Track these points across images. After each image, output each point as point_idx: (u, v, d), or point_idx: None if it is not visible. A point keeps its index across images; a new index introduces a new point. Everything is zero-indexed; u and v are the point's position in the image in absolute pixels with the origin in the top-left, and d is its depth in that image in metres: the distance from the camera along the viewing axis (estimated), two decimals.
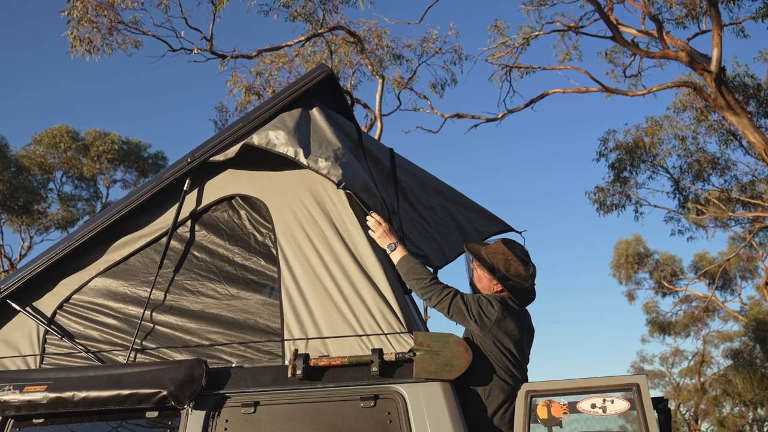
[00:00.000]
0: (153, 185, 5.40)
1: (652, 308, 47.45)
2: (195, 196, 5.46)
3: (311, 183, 5.32)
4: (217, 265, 5.33)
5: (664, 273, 43.78)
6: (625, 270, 44.27)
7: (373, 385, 4.72)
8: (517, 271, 5.17)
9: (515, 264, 5.18)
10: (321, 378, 4.78)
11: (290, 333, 5.00)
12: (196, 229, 5.43)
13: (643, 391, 4.35)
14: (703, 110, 26.73)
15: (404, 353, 4.71)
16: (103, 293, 5.40)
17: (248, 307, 5.18)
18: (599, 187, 29.48)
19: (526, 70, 25.34)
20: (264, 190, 5.40)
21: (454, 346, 4.71)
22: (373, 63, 24.05)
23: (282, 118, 5.29)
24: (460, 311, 4.94)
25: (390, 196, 6.02)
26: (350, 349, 4.89)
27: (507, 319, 4.97)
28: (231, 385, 4.86)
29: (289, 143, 5.19)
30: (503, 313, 4.97)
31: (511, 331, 4.98)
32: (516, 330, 5.01)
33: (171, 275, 5.34)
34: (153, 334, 5.22)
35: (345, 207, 5.23)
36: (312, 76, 5.44)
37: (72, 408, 4.77)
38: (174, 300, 5.28)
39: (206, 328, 5.18)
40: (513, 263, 5.18)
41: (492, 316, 4.92)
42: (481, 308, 4.94)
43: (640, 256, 44.20)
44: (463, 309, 4.94)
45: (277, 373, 4.85)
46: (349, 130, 5.71)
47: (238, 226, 5.40)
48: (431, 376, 4.64)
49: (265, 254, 5.30)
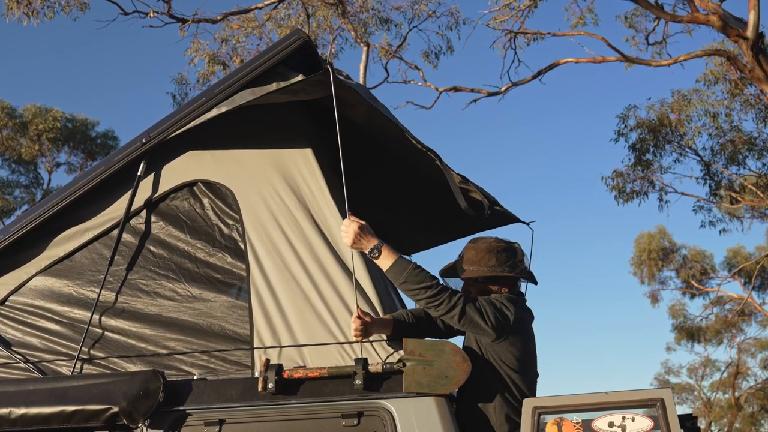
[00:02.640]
0: (102, 169, 5.41)
1: (679, 311, 47.61)
2: (151, 182, 5.46)
3: (285, 167, 5.33)
4: (176, 261, 5.34)
5: (693, 271, 43.86)
6: (648, 267, 44.35)
7: (357, 401, 4.72)
8: (512, 253, 5.23)
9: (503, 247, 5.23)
10: (296, 392, 4.77)
11: (261, 340, 5.02)
12: (153, 220, 5.43)
13: (668, 407, 4.36)
14: (737, 83, 26.73)
15: (392, 364, 4.72)
16: (44, 294, 5.40)
17: (212, 310, 5.20)
18: (618, 171, 29.44)
19: (533, 36, 25.31)
20: (230, 175, 5.41)
21: (450, 356, 4.71)
22: (356, 28, 24.06)
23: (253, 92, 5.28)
24: (474, 319, 4.85)
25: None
26: (330, 359, 4.90)
27: (524, 321, 5.04)
28: (192, 400, 4.85)
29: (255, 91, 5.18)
30: (521, 313, 5.01)
31: (527, 335, 5.03)
32: (531, 333, 5.08)
33: (123, 273, 5.35)
34: (102, 341, 5.23)
35: (324, 195, 5.24)
36: (286, 43, 5.42)
37: (8, 427, 4.76)
38: (126, 302, 5.29)
39: (164, 335, 5.18)
40: (501, 249, 5.22)
41: (510, 319, 4.90)
42: (497, 310, 4.90)
43: (664, 252, 44.29)
44: (477, 316, 4.84)
45: (245, 386, 4.85)
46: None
47: (201, 216, 5.41)
48: (424, 390, 4.64)
49: (231, 249, 5.31)
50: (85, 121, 37.84)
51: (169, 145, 5.40)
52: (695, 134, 28.74)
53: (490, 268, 5.14)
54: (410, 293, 4.88)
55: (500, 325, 4.85)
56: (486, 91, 25.14)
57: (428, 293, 4.82)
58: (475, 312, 4.84)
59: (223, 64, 24.79)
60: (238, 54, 24.83)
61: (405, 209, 7.01)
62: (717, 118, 28.08)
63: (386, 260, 4.89)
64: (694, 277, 43.86)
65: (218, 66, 24.79)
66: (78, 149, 37.96)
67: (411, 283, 4.83)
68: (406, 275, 4.84)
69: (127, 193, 5.41)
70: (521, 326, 4.98)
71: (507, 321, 4.88)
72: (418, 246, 7.71)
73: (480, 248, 5.23)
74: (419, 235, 7.47)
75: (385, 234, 5.03)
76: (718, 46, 24.55)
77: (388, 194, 6.80)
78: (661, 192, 29.88)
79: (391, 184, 6.65)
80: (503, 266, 5.15)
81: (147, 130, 5.39)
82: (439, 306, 4.83)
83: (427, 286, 4.83)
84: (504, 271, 5.15)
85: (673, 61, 24.13)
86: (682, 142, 29.00)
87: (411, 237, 7.48)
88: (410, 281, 4.83)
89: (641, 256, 44.39)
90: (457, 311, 4.82)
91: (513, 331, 4.90)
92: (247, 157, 5.42)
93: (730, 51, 23.32)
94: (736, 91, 27.23)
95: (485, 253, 5.18)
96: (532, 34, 25.29)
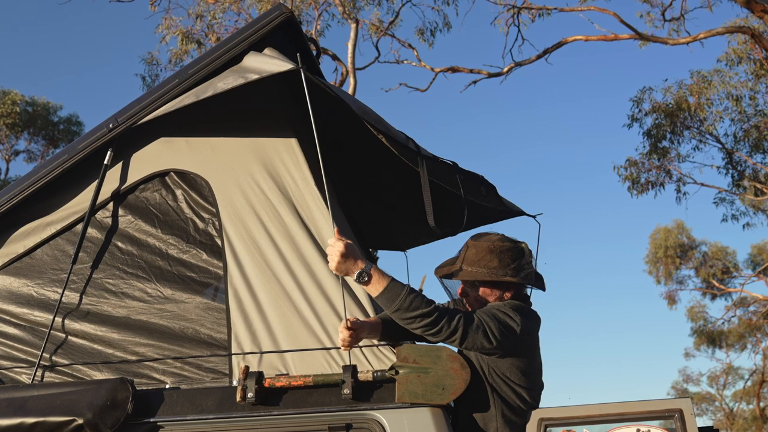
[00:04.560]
0: (65, 158, 5.40)
1: (699, 314, 47.74)
2: (118, 171, 5.47)
3: (266, 155, 5.33)
4: (146, 259, 5.34)
5: (714, 269, 43.98)
6: (665, 266, 44.46)
7: (345, 412, 4.73)
8: (518, 254, 5.08)
9: (508, 247, 5.07)
10: (278, 402, 4.78)
11: (239, 345, 5.02)
12: (120, 213, 5.43)
13: (687, 419, 4.36)
14: (763, 63, 26.75)
15: (384, 371, 4.73)
16: (1, 295, 5.40)
17: (186, 312, 5.20)
18: (631, 160, 29.53)
19: (538, 11, 25.40)
20: (206, 164, 5.41)
21: (448, 363, 4.70)
22: (344, 2, 24.04)
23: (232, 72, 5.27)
24: (478, 340, 4.68)
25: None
26: (316, 366, 4.90)
27: (531, 331, 4.93)
28: (164, 411, 4.86)
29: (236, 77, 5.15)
30: (527, 323, 4.88)
31: (534, 345, 4.98)
32: (538, 343, 5.02)
33: (88, 272, 5.35)
34: (65, 347, 5.23)
35: (309, 186, 5.23)
36: (267, 20, 5.43)
37: None
38: (92, 303, 5.29)
39: (133, 340, 5.19)
40: (505, 249, 5.06)
41: (516, 331, 4.76)
42: (501, 324, 4.74)
43: (683, 248, 44.41)
44: (481, 337, 4.66)
45: (222, 396, 4.85)
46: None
47: (174, 209, 5.41)
48: (418, 400, 4.63)
49: (207, 245, 5.32)
50: (46, 105, 37.83)
51: (138, 131, 5.40)
52: (716, 119, 28.79)
53: (490, 271, 5.01)
54: (404, 322, 4.63)
55: (506, 340, 4.72)
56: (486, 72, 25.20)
57: (425, 321, 4.59)
58: (478, 332, 4.66)
59: (198, 43, 24.80)
60: (215, 31, 24.84)
61: (398, 201, 7.00)
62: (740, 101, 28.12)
63: (377, 286, 4.61)
64: (715, 276, 43.96)
65: (192, 44, 24.81)
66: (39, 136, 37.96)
67: (405, 311, 4.57)
68: (400, 302, 4.57)
69: (93, 184, 5.41)
70: (528, 337, 4.90)
71: (513, 334, 4.75)
72: (412, 242, 7.72)
73: (481, 247, 5.07)
74: (414, 229, 7.47)
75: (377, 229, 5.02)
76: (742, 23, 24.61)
77: (380, 185, 6.80)
78: (678, 183, 30.00)
79: (383, 173, 6.63)
80: (506, 269, 5.01)
81: (114, 115, 5.38)
82: (438, 333, 4.62)
83: (424, 313, 4.59)
84: (506, 276, 5.00)
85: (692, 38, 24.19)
86: (702, 128, 29.07)
87: (405, 232, 7.49)
88: (404, 309, 4.58)
89: (657, 253, 44.49)
90: (458, 336, 4.62)
91: (520, 344, 4.81)
92: (225, 144, 5.42)
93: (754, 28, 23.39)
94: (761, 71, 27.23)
95: (487, 252, 5.03)
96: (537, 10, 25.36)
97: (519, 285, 5.11)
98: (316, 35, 25.18)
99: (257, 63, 5.11)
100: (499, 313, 4.79)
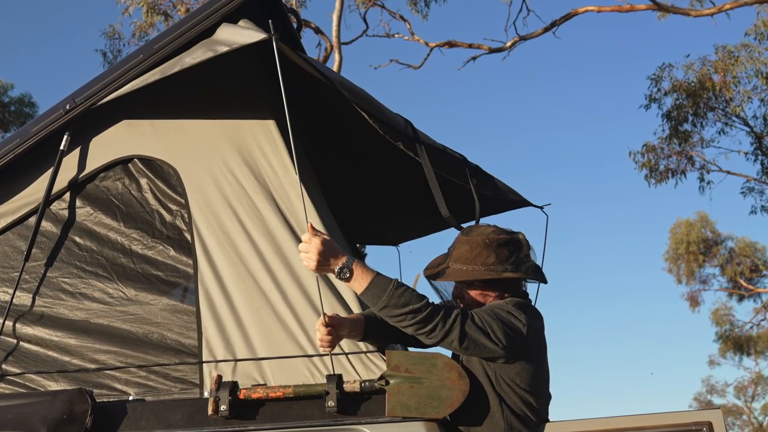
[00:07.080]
0: (17, 143, 5.40)
1: (725, 317, 47.73)
2: (76, 158, 5.47)
3: (241, 140, 5.33)
4: (107, 256, 5.35)
5: (742, 267, 44.03)
6: (686, 263, 44.52)
7: (329, 426, 4.74)
8: (516, 246, 5.06)
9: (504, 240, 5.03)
10: (255, 416, 4.79)
11: (211, 352, 5.03)
12: (78, 204, 5.44)
13: None
14: None
15: (373, 381, 4.73)
16: None
17: (152, 315, 5.21)
18: (649, 145, 29.55)
19: None
20: (174, 149, 5.41)
21: (444, 371, 4.69)
22: None
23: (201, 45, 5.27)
24: (479, 340, 4.61)
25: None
26: (296, 376, 4.91)
27: (537, 331, 4.90)
28: (127, 425, 4.87)
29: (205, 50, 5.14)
30: (532, 321, 4.84)
31: (541, 347, 4.95)
32: (545, 344, 4.99)
33: (42, 270, 5.35)
34: (17, 353, 5.24)
35: (289, 174, 5.24)
36: None
37: None
38: (47, 305, 5.29)
39: (92, 346, 5.19)
40: (502, 243, 5.01)
41: (522, 332, 4.72)
42: (505, 324, 4.69)
43: (707, 244, 44.45)
44: (482, 337, 4.60)
45: (192, 408, 4.87)
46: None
47: (138, 200, 5.41)
48: (411, 414, 4.63)
49: (175, 240, 5.33)
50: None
51: (98, 113, 5.41)
52: (744, 100, 28.70)
53: (488, 268, 4.96)
54: (394, 320, 4.58)
55: (512, 343, 4.65)
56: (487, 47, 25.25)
57: (417, 318, 4.53)
58: (478, 332, 4.59)
59: (165, 15, 24.77)
60: (184, 2, 24.80)
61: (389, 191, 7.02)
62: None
63: (360, 281, 4.56)
64: (742, 275, 44.00)
65: (159, 17, 24.78)
66: None
67: (393, 308, 4.52)
68: (387, 298, 4.52)
69: (48, 172, 5.42)
70: (535, 338, 4.86)
71: (520, 335, 4.70)
72: (403, 236, 7.75)
73: (475, 242, 5.02)
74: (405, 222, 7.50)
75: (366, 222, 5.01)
76: None
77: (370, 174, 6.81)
78: (702, 170, 30.03)
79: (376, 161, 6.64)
80: (505, 265, 4.97)
81: (72, 95, 5.38)
82: (431, 333, 4.55)
83: (415, 309, 4.53)
84: (506, 272, 4.97)
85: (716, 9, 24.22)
86: (728, 110, 29.04)
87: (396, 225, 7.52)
88: (392, 305, 4.52)
89: (678, 250, 44.53)
90: (455, 336, 4.55)
91: (527, 346, 4.77)
92: (195, 127, 5.42)
93: None
94: None
95: (482, 248, 4.99)
96: None
97: (518, 280, 5.08)
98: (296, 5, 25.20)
99: (228, 35, 5.09)
100: (502, 312, 4.76)
